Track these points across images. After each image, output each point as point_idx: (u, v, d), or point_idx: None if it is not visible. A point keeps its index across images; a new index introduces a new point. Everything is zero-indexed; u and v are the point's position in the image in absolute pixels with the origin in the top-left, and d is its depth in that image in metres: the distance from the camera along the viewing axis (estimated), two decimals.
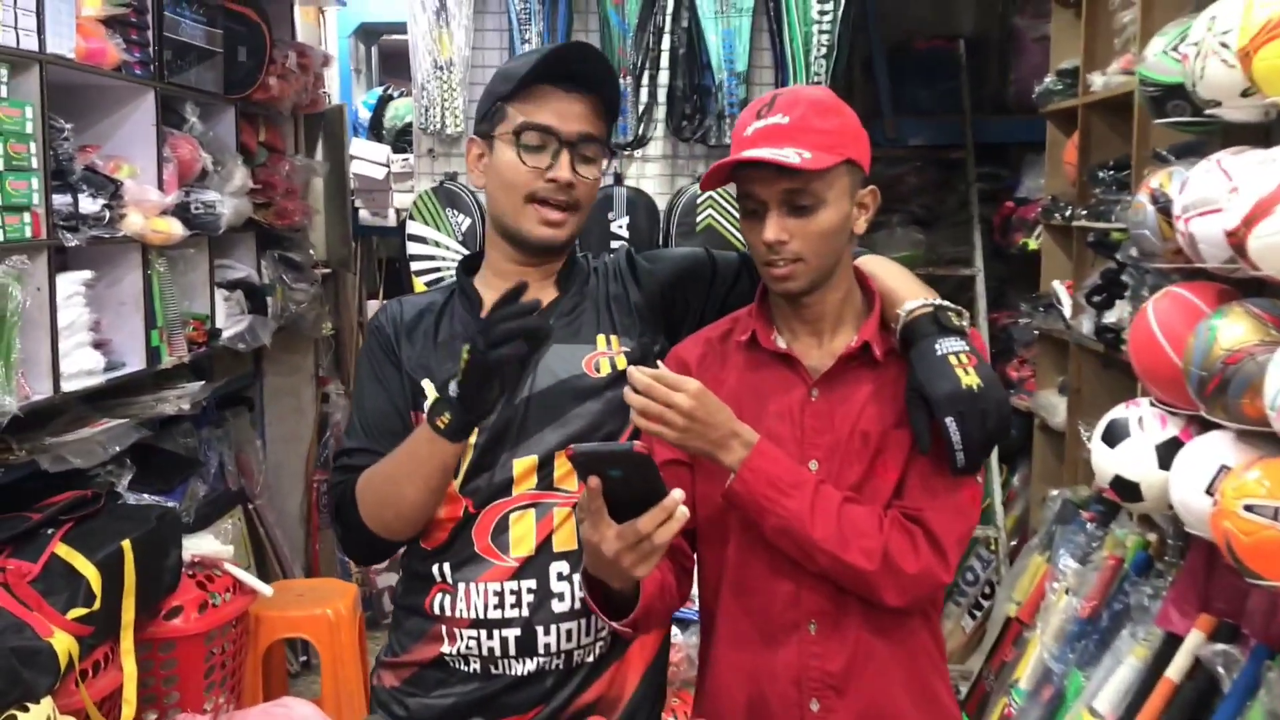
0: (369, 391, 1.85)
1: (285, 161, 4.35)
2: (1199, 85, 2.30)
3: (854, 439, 1.64)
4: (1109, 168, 3.48)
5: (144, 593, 2.87)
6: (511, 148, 1.76)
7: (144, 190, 3.20)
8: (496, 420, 1.76)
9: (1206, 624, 2.55)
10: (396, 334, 1.85)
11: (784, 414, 1.66)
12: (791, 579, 1.65)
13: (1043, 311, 4.07)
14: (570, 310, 1.86)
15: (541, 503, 1.77)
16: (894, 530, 1.59)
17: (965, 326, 1.63)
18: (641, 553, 1.47)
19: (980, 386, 1.54)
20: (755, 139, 1.59)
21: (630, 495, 1.45)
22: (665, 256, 1.95)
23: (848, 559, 1.57)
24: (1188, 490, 2.35)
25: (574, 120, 1.77)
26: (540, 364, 1.79)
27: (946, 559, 1.60)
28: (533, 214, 1.77)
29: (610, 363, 1.81)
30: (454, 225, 3.81)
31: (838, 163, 1.57)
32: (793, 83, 3.86)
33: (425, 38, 3.83)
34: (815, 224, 1.59)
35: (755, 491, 1.57)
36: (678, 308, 1.88)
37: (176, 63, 3.47)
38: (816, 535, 1.57)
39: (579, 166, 1.78)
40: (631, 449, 1.43)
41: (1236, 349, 2.18)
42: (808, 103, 1.61)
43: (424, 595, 1.82)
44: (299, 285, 4.44)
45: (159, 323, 3.37)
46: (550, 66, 1.76)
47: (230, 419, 4.40)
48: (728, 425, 1.57)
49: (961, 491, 1.63)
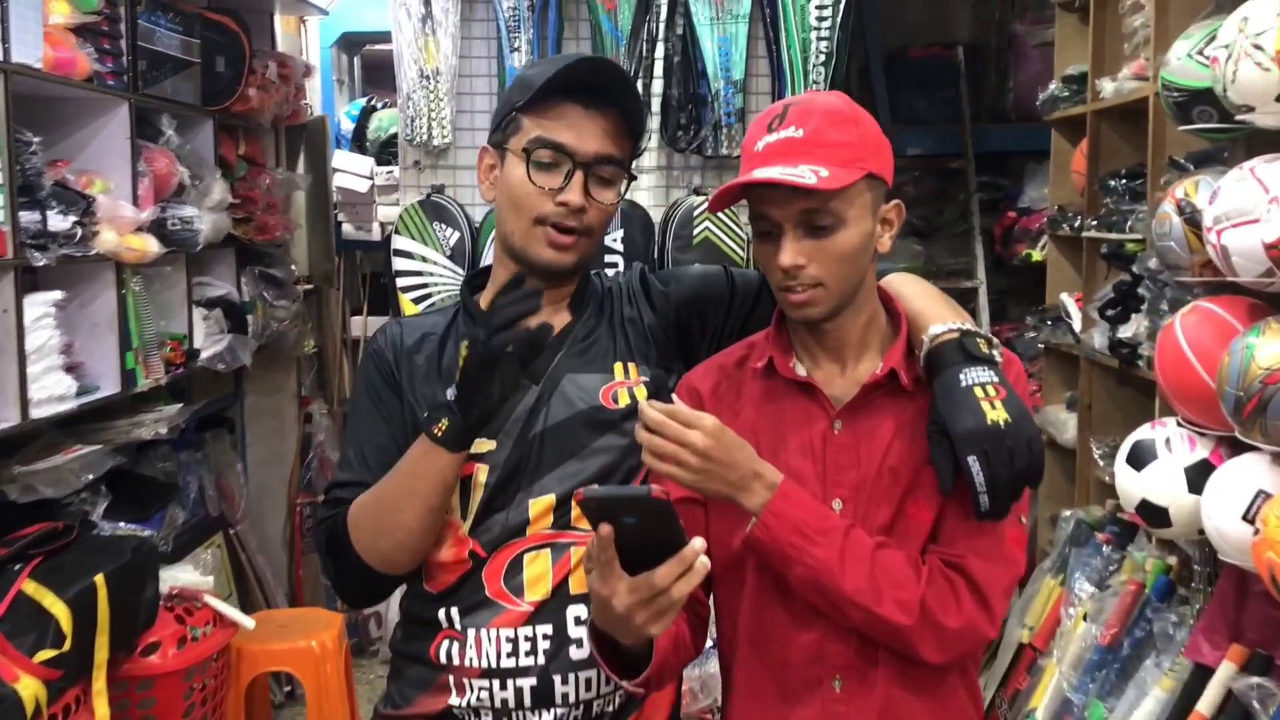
0: (366, 422, 1.72)
1: (266, 175, 4.22)
2: (1230, 89, 2.18)
3: (882, 476, 1.50)
4: (1120, 176, 3.37)
5: (119, 629, 2.75)
6: (522, 164, 1.64)
7: (117, 206, 3.08)
8: (510, 456, 1.64)
9: (1238, 655, 2.44)
10: (397, 359, 1.72)
11: (804, 448, 1.52)
12: (814, 629, 1.51)
13: (1049, 325, 3.95)
14: (585, 336, 1.73)
15: (558, 543, 1.65)
16: (934, 580, 1.45)
17: (996, 355, 1.49)
18: (656, 609, 1.32)
19: (1008, 422, 1.40)
20: (767, 155, 1.46)
21: (645, 544, 1.31)
22: (681, 276, 1.82)
23: (882, 613, 1.43)
24: (1223, 517, 2.24)
25: (592, 139, 1.64)
26: (555, 395, 1.66)
27: (991, 611, 1.46)
28: (540, 236, 1.65)
29: (629, 393, 1.68)
30: (442, 240, 3.68)
31: (858, 179, 1.44)
32: (790, 92, 3.75)
33: (410, 46, 3.70)
34: (835, 246, 1.46)
35: (779, 539, 1.43)
36: (694, 331, 1.75)
37: (151, 73, 3.34)
38: (848, 587, 1.43)
39: (594, 189, 1.65)
40: (649, 494, 1.28)
41: (1276, 368, 2.07)
42: (823, 113, 1.47)
43: (428, 642, 1.68)
44: (280, 302, 4.30)
45: (134, 344, 3.25)
46: (570, 78, 1.63)
47: (210, 441, 4.26)
48: (748, 465, 1.43)
49: (1006, 535, 1.49)
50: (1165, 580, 2.88)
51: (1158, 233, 2.55)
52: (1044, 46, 4.71)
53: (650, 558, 1.31)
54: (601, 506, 1.31)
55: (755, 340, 1.63)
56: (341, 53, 5.46)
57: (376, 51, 5.46)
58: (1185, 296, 2.66)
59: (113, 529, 3.17)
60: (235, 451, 4.47)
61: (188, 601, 3.15)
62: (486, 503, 1.64)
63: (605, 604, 1.34)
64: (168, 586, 3.13)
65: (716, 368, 1.63)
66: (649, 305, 1.76)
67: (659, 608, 1.32)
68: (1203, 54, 2.38)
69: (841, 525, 1.45)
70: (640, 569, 1.32)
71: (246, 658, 3.41)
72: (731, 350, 1.65)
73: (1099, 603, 3.05)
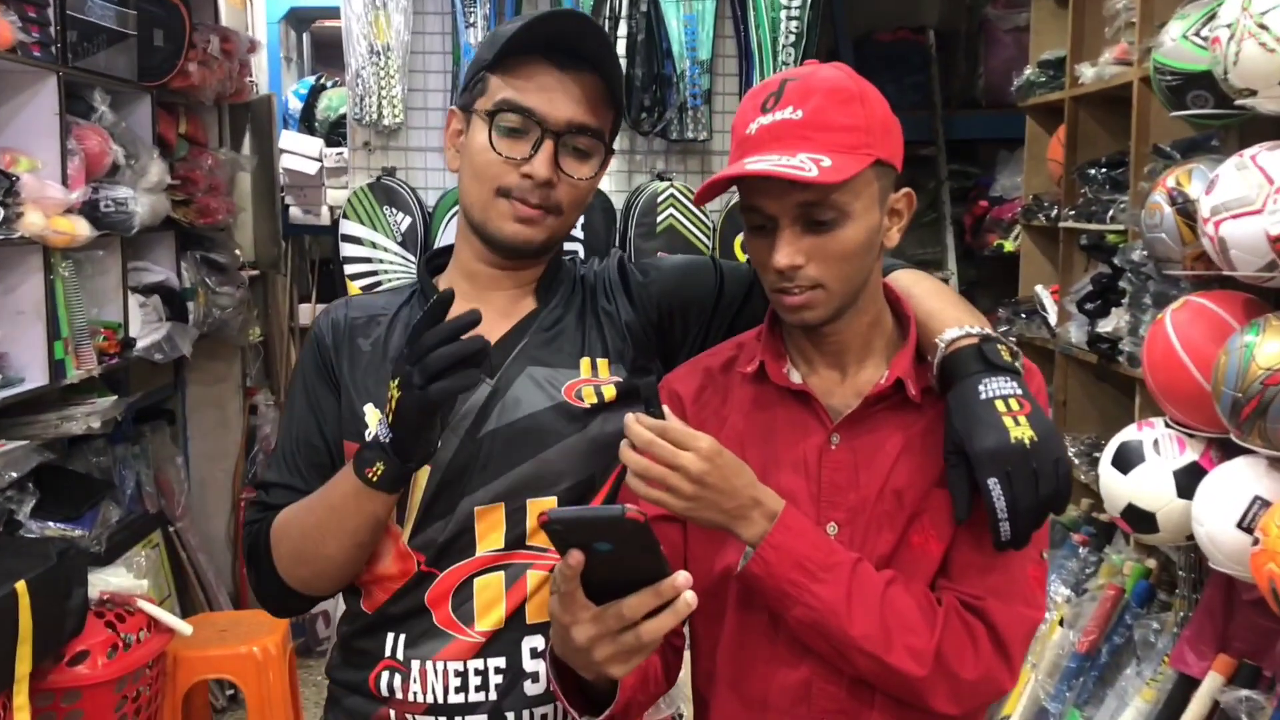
0: (298, 415, 1.55)
1: (208, 155, 4.03)
2: (1231, 72, 2.06)
3: (884, 499, 1.34)
4: (1100, 165, 3.26)
5: (43, 639, 2.61)
6: (486, 129, 1.47)
7: (45, 186, 2.90)
8: (455, 457, 1.46)
9: (1226, 666, 2.35)
10: (337, 344, 1.55)
11: (797, 464, 1.36)
12: (803, 667, 1.34)
13: (1024, 318, 3.84)
14: (551, 325, 1.55)
15: (512, 564, 1.47)
16: (950, 625, 1.29)
17: (1019, 364, 1.32)
18: (622, 647, 1.16)
19: (1033, 440, 1.22)
20: (761, 139, 1.28)
21: (619, 572, 1.15)
22: (663, 266, 1.64)
23: (892, 661, 1.27)
24: (1216, 524, 2.13)
25: (564, 105, 1.46)
26: (511, 389, 1.49)
27: (1011, 661, 1.31)
28: (503, 208, 1.47)
29: (596, 392, 1.51)
30: (393, 225, 3.50)
31: (865, 167, 1.26)
32: (759, 74, 3.61)
33: (360, 20, 3.52)
34: (837, 243, 1.28)
35: (779, 575, 1.26)
36: (675, 330, 1.57)
37: (82, 45, 3.15)
38: (855, 632, 1.26)
39: (565, 162, 1.47)
40: (623, 514, 1.09)
41: (1277, 368, 1.96)
42: (825, 90, 1.28)
43: (368, 670, 1.51)
44: (224, 289, 4.11)
45: (64, 333, 3.07)
46: (543, 35, 1.45)
47: (149, 435, 4.07)
48: (747, 492, 1.26)
49: (1028, 574, 1.33)
50: (1145, 585, 2.79)
51: (1147, 224, 2.44)
52: (1016, 31, 4.62)
53: (625, 585, 1.15)
54: (569, 530, 1.13)
55: (744, 340, 1.46)
56: (290, 29, 5.27)
57: (327, 28, 5.27)
58: (1171, 290, 2.56)
59: (41, 529, 3.01)
60: (176, 445, 4.29)
61: (119, 607, 2.98)
62: (426, 507, 1.47)
63: (565, 633, 1.18)
64: (98, 591, 2.96)
65: (701, 370, 1.46)
66: (627, 298, 1.59)
67: (625, 646, 1.16)
68: (1200, 35, 2.27)
69: (848, 560, 1.29)
70: (610, 597, 1.15)
71: (184, 664, 3.25)
72: (718, 350, 1.48)
73: (1076, 608, 2.95)
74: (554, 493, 1.48)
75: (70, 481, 3.38)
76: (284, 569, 1.48)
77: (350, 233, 3.53)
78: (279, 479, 1.53)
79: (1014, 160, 4.39)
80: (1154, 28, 2.65)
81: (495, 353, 1.50)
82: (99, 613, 2.93)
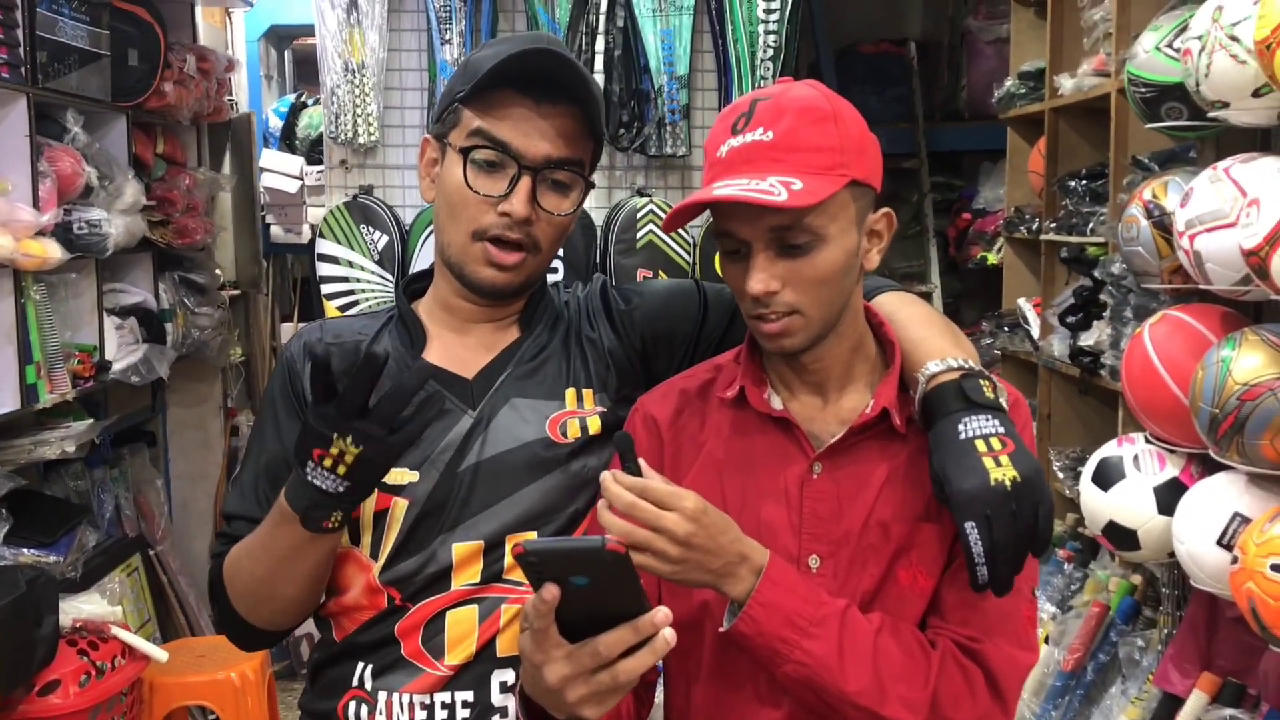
0: (267, 445, 1.51)
1: (186, 175, 3.99)
2: (1203, 84, 2.04)
3: (869, 531, 1.29)
4: (1080, 176, 3.24)
5: (12, 669, 2.58)
6: (461, 164, 1.43)
7: (14, 209, 2.85)
8: (434, 491, 1.42)
9: (1209, 684, 2.32)
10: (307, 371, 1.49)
11: (778, 494, 1.31)
12: (782, 706, 1.30)
13: (1006, 331, 3.82)
14: (534, 356, 1.51)
15: (486, 598, 1.43)
16: (946, 670, 1.24)
17: (1002, 400, 1.27)
18: (596, 687, 1.11)
19: (1015, 481, 1.17)
20: (731, 162, 1.24)
21: (595, 608, 1.10)
22: (646, 294, 1.59)
23: (887, 714, 1.22)
24: (1196, 541, 2.10)
25: (542, 140, 1.42)
26: (494, 422, 1.45)
27: (1007, 706, 1.26)
28: (478, 253, 1.44)
29: (580, 425, 1.47)
30: (369, 244, 3.47)
31: (838, 189, 1.23)
32: (738, 89, 3.58)
33: (335, 38, 3.49)
34: (813, 267, 1.24)
35: (769, 633, 1.21)
36: (661, 356, 1.54)
37: (53, 66, 3.11)
38: (850, 688, 1.21)
39: (544, 198, 1.44)
40: (602, 545, 1.06)
41: (1254, 383, 1.94)
42: (796, 110, 1.23)
43: (337, 700, 1.48)
44: (203, 309, 4.07)
45: (36, 357, 3.03)
46: (520, 68, 1.41)
47: (128, 457, 4.03)
48: (734, 549, 1.20)
49: (1022, 614, 1.29)
50: (1130, 602, 2.76)
51: (1124, 237, 2.41)
52: (998, 43, 4.59)
53: (598, 623, 1.10)
54: (545, 563, 1.08)
55: (722, 363, 1.42)
56: (270, 47, 5.24)
57: (307, 46, 5.23)
58: (1151, 304, 2.54)
59: (14, 556, 2.96)
60: (156, 467, 4.24)
61: (93, 634, 2.94)
62: (402, 543, 1.44)
63: (536, 673, 1.14)
64: (70, 619, 2.92)
65: (677, 392, 1.41)
66: (609, 325, 1.55)
67: (599, 686, 1.11)
68: (1173, 46, 2.25)
69: (837, 610, 1.24)
70: (585, 634, 1.11)
71: (160, 692, 3.21)
72: (694, 372, 1.44)
73: (1061, 625, 2.92)
74: (535, 528, 1.44)
75: (45, 506, 3.34)
76: (243, 610, 1.45)
77: (327, 252, 3.49)
78: (241, 510, 1.49)
79: (997, 172, 4.37)
80: (1131, 39, 2.63)
81: (478, 384, 1.48)
82: (71, 640, 2.89)
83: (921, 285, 4.53)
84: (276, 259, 4.94)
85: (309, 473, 1.29)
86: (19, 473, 3.09)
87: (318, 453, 1.28)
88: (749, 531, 1.25)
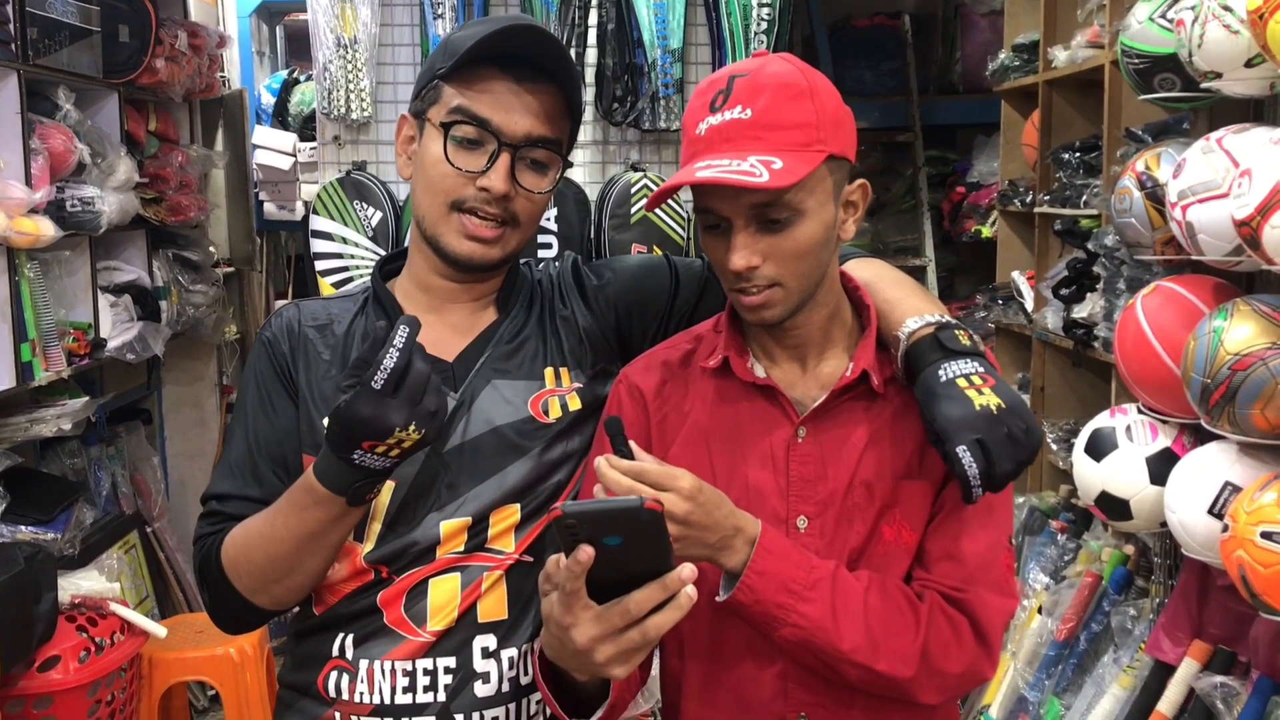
0: (252, 423, 1.50)
1: (179, 152, 3.98)
2: (1196, 55, 2.04)
3: (854, 491, 1.33)
4: (1074, 149, 3.24)
5: (12, 645, 2.59)
6: (440, 139, 1.43)
7: (7, 186, 2.85)
8: (420, 472, 1.43)
9: (1201, 652, 2.34)
10: (293, 350, 1.50)
11: (764, 459, 1.35)
12: (778, 663, 1.34)
13: (1001, 304, 3.83)
14: (513, 337, 1.52)
15: (469, 565, 1.45)
16: (934, 622, 1.29)
17: (978, 346, 1.31)
18: (625, 645, 1.13)
19: (1001, 407, 1.23)
20: (710, 141, 1.26)
21: (625, 569, 1.12)
22: (618, 269, 1.61)
23: (880, 669, 1.26)
24: (1188, 510, 2.12)
25: (522, 118, 1.43)
26: (475, 404, 1.46)
27: (992, 652, 1.31)
28: (455, 224, 1.44)
29: (561, 403, 1.49)
30: (363, 220, 3.47)
31: (817, 165, 1.25)
32: (731, 62, 3.57)
33: (326, 13, 3.47)
34: (793, 241, 1.27)
35: (766, 600, 1.25)
36: (634, 332, 1.56)
37: (44, 42, 3.10)
38: (844, 646, 1.25)
39: (522, 175, 1.45)
40: (640, 505, 1.08)
41: (1245, 353, 1.95)
42: (774, 87, 1.26)
43: (316, 672, 1.49)
44: (197, 287, 4.07)
45: (30, 335, 3.03)
46: (501, 47, 1.42)
47: (124, 435, 4.03)
48: (729, 522, 1.24)
49: (1001, 562, 1.34)
50: (1123, 571, 2.78)
51: (1117, 208, 2.42)
52: (992, 15, 4.59)
53: (624, 583, 1.12)
54: (583, 524, 1.09)
55: (701, 333, 1.45)
56: (261, 23, 5.21)
57: (299, 21, 5.21)
58: (1144, 275, 2.54)
59: (12, 533, 2.97)
60: (152, 445, 4.25)
61: (91, 610, 2.96)
62: (390, 523, 1.45)
63: (564, 635, 1.15)
64: (69, 595, 2.93)
65: (660, 363, 1.44)
66: (583, 302, 1.57)
67: (628, 644, 1.13)
68: (1166, 17, 2.24)
69: (828, 572, 1.28)
70: (609, 596, 1.13)
71: (160, 667, 3.23)
72: (675, 342, 1.46)
73: (1055, 595, 2.94)
74: (520, 503, 1.46)
75: (42, 484, 3.34)
76: (248, 587, 1.43)
77: (320, 228, 3.49)
78: (234, 489, 1.48)
79: (991, 145, 4.37)
80: (1124, 10, 2.62)
81: (458, 366, 1.49)
82: (70, 617, 2.91)
83: (916, 259, 4.53)
84: (270, 236, 4.93)
85: (356, 458, 1.28)
86: (15, 450, 3.10)
87: (367, 444, 1.26)
88: (737, 496, 1.28)
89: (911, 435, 1.34)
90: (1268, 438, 1.98)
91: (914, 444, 1.34)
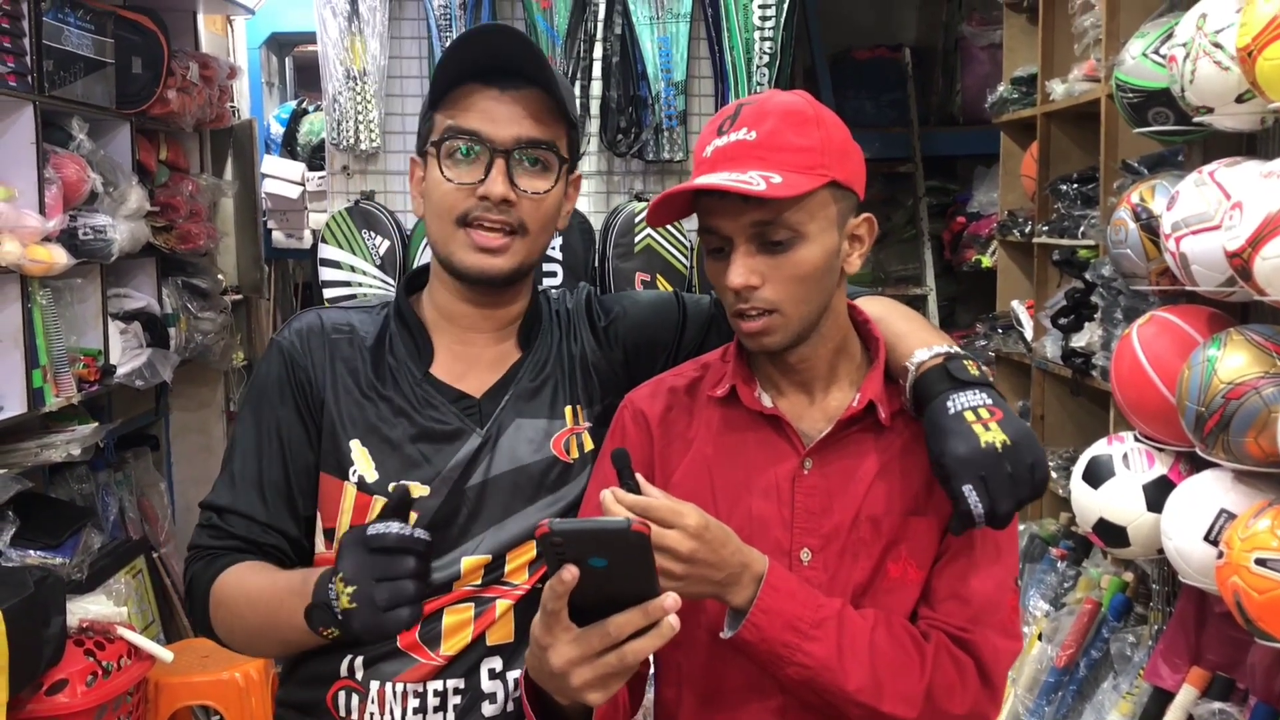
0: (261, 437, 1.50)
1: (189, 181, 4.03)
2: (1188, 90, 2.08)
3: (859, 526, 1.32)
4: (1072, 180, 3.28)
5: (20, 669, 2.60)
6: (437, 161, 1.46)
7: (21, 215, 2.90)
8: (442, 507, 1.45)
9: (1199, 679, 2.35)
10: (316, 361, 1.50)
11: (769, 490, 1.34)
12: (776, 696, 1.33)
13: (1000, 333, 3.86)
14: (536, 375, 1.54)
15: (483, 597, 1.47)
16: (940, 663, 1.29)
17: (987, 376, 1.32)
18: (602, 669, 1.11)
19: (1006, 444, 1.23)
20: (715, 161, 1.28)
21: (607, 591, 1.11)
22: (628, 305, 1.63)
23: (885, 710, 1.26)
24: (1184, 537, 2.14)
25: (509, 122, 1.45)
26: (500, 442, 1.48)
27: (995, 693, 1.31)
28: (463, 239, 1.46)
29: (578, 442, 1.51)
30: (371, 248, 3.52)
31: (817, 187, 1.26)
32: (734, 94, 3.63)
33: (336, 46, 3.54)
34: (792, 264, 1.27)
35: (772, 639, 1.23)
36: (643, 365, 1.57)
37: (59, 74, 3.16)
38: (850, 686, 1.24)
39: (520, 178, 1.46)
40: (628, 526, 1.06)
41: (1238, 382, 1.98)
42: (779, 114, 1.28)
43: (324, 690, 1.49)
44: (205, 314, 4.12)
45: (42, 361, 3.07)
46: (473, 60, 1.45)
47: (132, 461, 4.06)
48: (736, 559, 1.22)
49: (1006, 604, 1.34)
50: (1122, 599, 2.79)
51: (1113, 239, 2.46)
52: (992, 48, 4.64)
53: (606, 607, 1.11)
54: (569, 543, 1.08)
55: (709, 361, 1.45)
56: (271, 54, 5.28)
57: (308, 53, 5.27)
58: (1141, 305, 2.58)
59: (21, 558, 2.99)
60: (160, 471, 4.28)
61: (99, 634, 2.97)
62: None
63: (542, 655, 1.15)
64: (77, 619, 2.95)
65: (666, 390, 1.44)
66: (593, 336, 1.59)
67: (605, 668, 1.11)
68: (1159, 53, 2.29)
69: (834, 611, 1.27)
70: (591, 620, 1.12)
71: (166, 691, 3.24)
72: (682, 369, 1.47)
73: (1054, 622, 2.95)
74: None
75: (51, 509, 3.37)
76: (227, 638, 1.47)
77: (329, 257, 3.54)
78: (237, 505, 1.48)
79: (991, 176, 4.41)
80: (1120, 45, 2.67)
81: (485, 403, 1.50)
82: (78, 641, 2.92)
83: (917, 288, 4.57)
84: (278, 264, 4.99)
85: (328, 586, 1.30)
86: (25, 475, 3.12)
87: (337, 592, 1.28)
88: (739, 525, 1.28)
89: (919, 470, 1.33)
90: (1262, 465, 2.00)
91: (921, 479, 1.33)
